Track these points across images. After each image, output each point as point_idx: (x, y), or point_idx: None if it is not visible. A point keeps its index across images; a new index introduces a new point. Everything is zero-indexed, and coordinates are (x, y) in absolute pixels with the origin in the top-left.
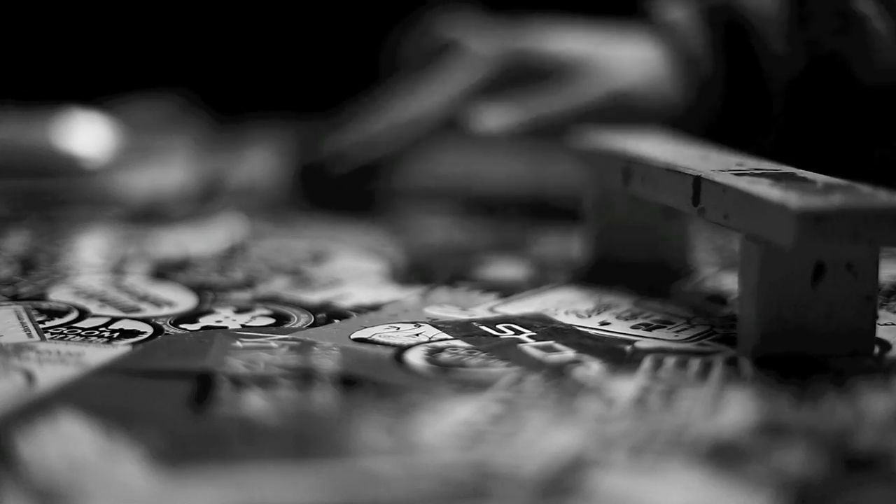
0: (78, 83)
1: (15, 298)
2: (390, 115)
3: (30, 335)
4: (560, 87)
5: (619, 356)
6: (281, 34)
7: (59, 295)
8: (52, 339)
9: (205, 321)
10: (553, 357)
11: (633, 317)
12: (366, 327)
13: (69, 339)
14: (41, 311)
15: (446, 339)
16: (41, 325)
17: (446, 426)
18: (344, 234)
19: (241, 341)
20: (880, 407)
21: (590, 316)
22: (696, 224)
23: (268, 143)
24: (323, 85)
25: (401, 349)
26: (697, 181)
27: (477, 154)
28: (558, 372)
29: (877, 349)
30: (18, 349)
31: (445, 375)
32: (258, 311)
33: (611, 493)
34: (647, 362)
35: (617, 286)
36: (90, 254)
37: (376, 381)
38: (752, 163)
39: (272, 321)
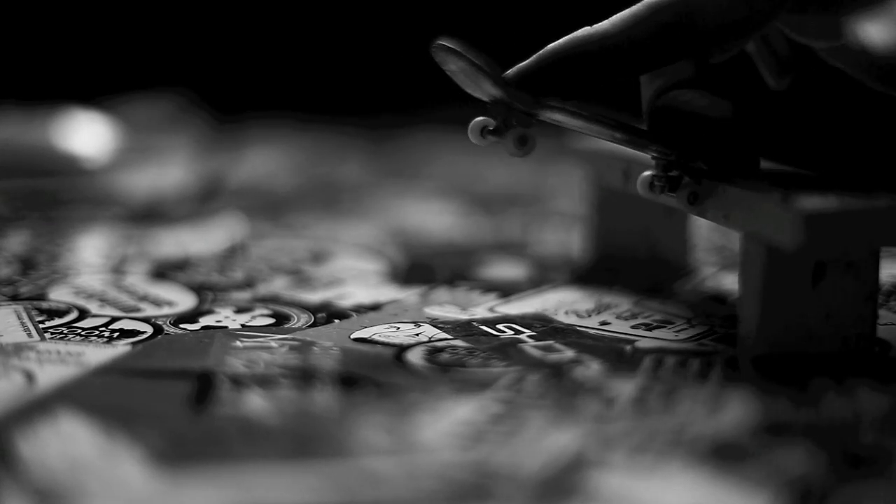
0: (78, 83)
1: (15, 298)
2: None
3: (30, 335)
4: None
5: (618, 356)
6: (281, 34)
7: (59, 295)
8: (52, 339)
9: (205, 321)
10: (553, 357)
11: (633, 317)
12: (366, 327)
13: (69, 339)
14: (41, 311)
15: (446, 339)
16: (41, 325)
17: (446, 426)
18: (344, 233)
19: (241, 341)
20: (880, 407)
21: (590, 316)
22: (696, 224)
23: (268, 143)
24: (323, 85)
25: (401, 349)
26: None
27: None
28: (558, 372)
29: (877, 349)
30: (18, 349)
31: (445, 375)
32: (258, 311)
33: (611, 493)
34: (647, 362)
35: (617, 286)
36: (90, 254)
37: (376, 381)
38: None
39: (272, 321)
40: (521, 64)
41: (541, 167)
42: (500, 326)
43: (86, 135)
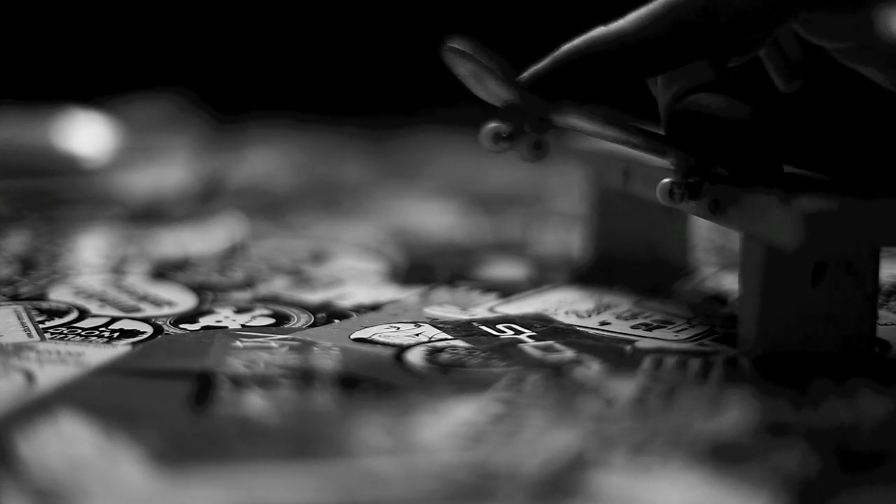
0: (78, 83)
1: (15, 298)
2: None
3: (30, 335)
4: None
5: (618, 356)
6: (281, 34)
7: (59, 295)
8: (52, 339)
9: (205, 321)
10: (553, 357)
11: (633, 317)
12: (366, 327)
13: (69, 339)
14: (41, 311)
15: (446, 339)
16: (41, 325)
17: (446, 426)
18: (344, 233)
19: (241, 341)
20: (880, 407)
21: (590, 316)
22: (696, 224)
23: (268, 143)
24: (323, 85)
25: (401, 349)
26: None
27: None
28: (558, 372)
29: (877, 349)
30: (18, 349)
31: (445, 375)
32: (258, 311)
33: (611, 493)
34: (647, 362)
35: (617, 286)
36: (90, 254)
37: (376, 381)
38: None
39: (272, 321)
40: (535, 67)
41: (541, 167)
42: (500, 326)
43: (86, 135)
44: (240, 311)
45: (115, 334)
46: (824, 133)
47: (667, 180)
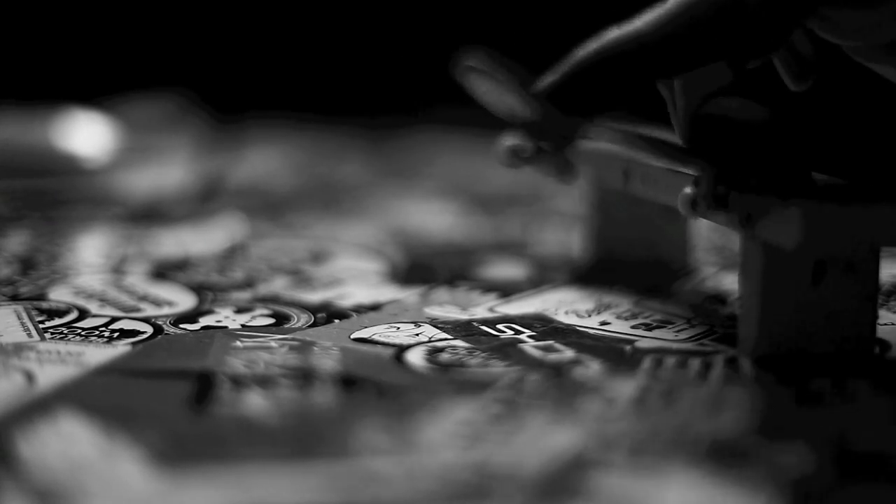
0: (78, 83)
1: (15, 298)
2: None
3: (30, 335)
4: None
5: (618, 356)
6: (281, 34)
7: (59, 295)
8: (52, 339)
9: (205, 321)
10: (553, 357)
11: (633, 317)
12: (366, 327)
13: (69, 339)
14: (41, 311)
15: (446, 339)
16: (41, 325)
17: (446, 426)
18: (344, 233)
19: (241, 341)
20: (880, 407)
21: (590, 316)
22: (696, 224)
23: (268, 143)
24: (323, 85)
25: (401, 349)
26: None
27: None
28: (558, 372)
29: (877, 349)
30: (18, 349)
31: (445, 375)
32: (258, 311)
33: (611, 493)
34: (647, 362)
35: (617, 286)
36: (90, 254)
37: (376, 381)
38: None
39: (272, 321)
40: (550, 77)
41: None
42: (500, 326)
43: (86, 135)
44: (240, 311)
45: (115, 334)
46: (843, 134)
47: (688, 191)
